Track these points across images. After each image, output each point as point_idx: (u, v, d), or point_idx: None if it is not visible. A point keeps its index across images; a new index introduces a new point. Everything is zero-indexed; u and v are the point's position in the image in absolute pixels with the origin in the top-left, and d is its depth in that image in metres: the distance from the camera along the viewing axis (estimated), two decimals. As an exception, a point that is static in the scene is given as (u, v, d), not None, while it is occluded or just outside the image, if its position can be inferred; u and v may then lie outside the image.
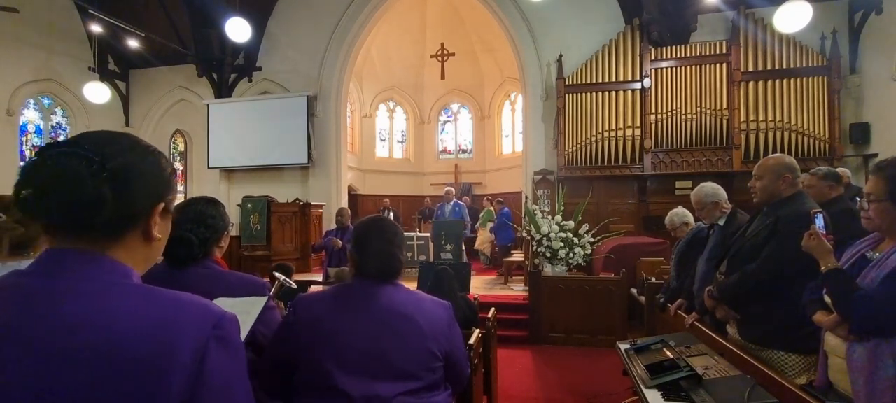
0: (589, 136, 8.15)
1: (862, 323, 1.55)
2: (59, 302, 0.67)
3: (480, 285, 7.30)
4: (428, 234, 7.90)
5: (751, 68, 7.66)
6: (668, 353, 2.29)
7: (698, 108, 7.77)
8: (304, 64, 9.89)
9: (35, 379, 0.63)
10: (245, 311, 1.37)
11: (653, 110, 7.94)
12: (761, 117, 7.55)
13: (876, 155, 7.14)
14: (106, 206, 0.70)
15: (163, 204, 0.79)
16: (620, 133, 8.04)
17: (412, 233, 8.25)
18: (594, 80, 8.21)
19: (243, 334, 1.31)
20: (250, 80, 10.21)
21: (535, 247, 6.17)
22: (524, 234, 6.67)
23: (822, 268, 1.71)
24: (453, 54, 12.00)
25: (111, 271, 0.72)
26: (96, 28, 8.87)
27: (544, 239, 6.02)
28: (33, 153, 0.73)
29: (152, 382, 0.65)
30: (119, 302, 0.69)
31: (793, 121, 7.43)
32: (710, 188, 3.11)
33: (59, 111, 10.24)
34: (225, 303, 1.42)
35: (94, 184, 0.69)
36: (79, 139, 0.73)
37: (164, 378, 0.65)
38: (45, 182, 0.68)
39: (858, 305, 1.55)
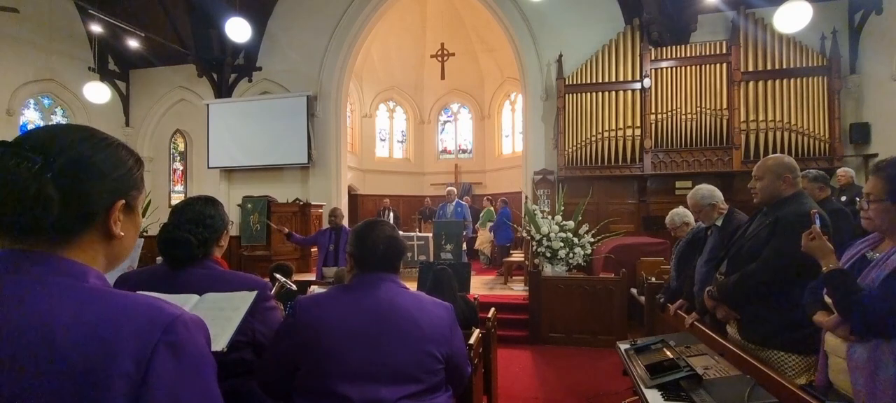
0: (589, 136, 8.15)
1: (863, 323, 1.55)
2: (4, 307, 0.63)
3: (480, 285, 7.29)
4: (428, 234, 7.90)
5: (751, 68, 7.65)
6: (668, 353, 2.29)
7: (698, 108, 7.77)
8: (304, 64, 9.89)
9: None
10: (234, 307, 1.35)
11: (653, 110, 7.94)
12: (761, 117, 7.55)
13: (876, 155, 7.13)
14: (52, 207, 0.66)
15: (124, 201, 0.74)
16: (620, 133, 8.04)
17: (412, 233, 8.25)
18: (594, 80, 8.21)
19: (230, 331, 1.29)
20: (250, 80, 10.21)
21: (535, 247, 6.17)
22: (524, 234, 6.67)
23: (824, 269, 1.70)
24: (453, 54, 11.99)
25: (61, 272, 0.68)
26: (96, 28, 8.87)
27: (544, 239, 6.02)
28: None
29: (91, 390, 0.60)
30: (63, 304, 0.64)
31: (793, 122, 7.43)
32: (706, 190, 3.12)
33: (59, 111, 10.23)
34: (213, 298, 1.39)
35: (36, 184, 0.65)
36: (23, 137, 0.69)
37: (104, 387, 0.60)
38: None
39: (860, 306, 1.55)
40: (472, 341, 2.41)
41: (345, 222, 6.33)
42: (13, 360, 0.61)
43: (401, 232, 1.76)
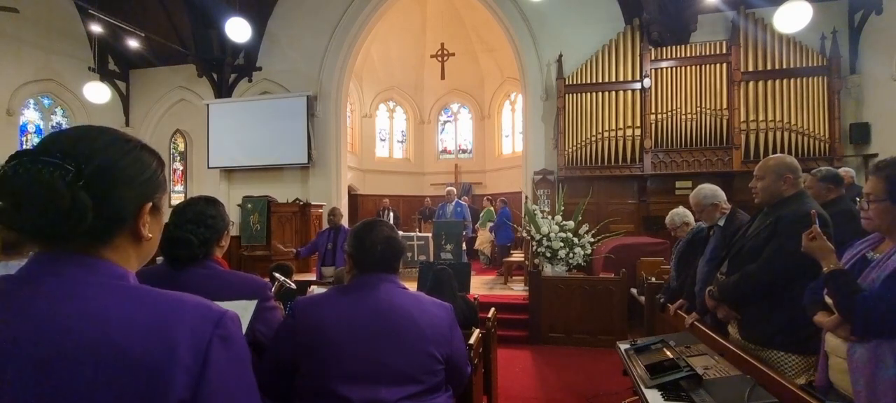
0: (589, 136, 8.15)
1: (864, 324, 1.55)
2: (51, 306, 0.65)
3: (480, 285, 7.30)
4: (428, 234, 7.90)
5: (751, 68, 7.65)
6: (668, 353, 2.29)
7: (698, 108, 7.77)
8: (304, 64, 9.89)
9: (32, 386, 0.61)
10: (239, 315, 1.36)
11: (653, 110, 7.94)
12: (761, 117, 7.55)
13: (876, 155, 7.13)
14: (87, 214, 0.67)
15: (151, 203, 0.76)
16: (620, 133, 8.04)
17: (412, 233, 8.25)
18: (594, 80, 8.21)
19: None
20: (250, 80, 10.21)
21: (535, 247, 6.17)
22: (524, 234, 6.67)
23: (825, 269, 1.70)
24: (453, 54, 11.99)
25: (104, 273, 0.70)
26: (96, 28, 8.87)
27: (544, 239, 6.02)
28: (6, 160, 0.73)
29: (151, 383, 0.64)
30: (115, 302, 0.67)
31: (793, 121, 7.43)
32: (709, 189, 3.11)
33: (59, 111, 10.24)
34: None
35: (70, 193, 0.66)
36: (50, 143, 0.70)
37: (164, 379, 0.64)
38: (20, 194, 0.65)
39: (861, 306, 1.55)
40: (472, 341, 2.41)
41: (344, 222, 6.32)
42: (72, 351, 0.63)
43: (401, 233, 1.76)
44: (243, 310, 1.39)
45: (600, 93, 8.15)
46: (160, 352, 0.65)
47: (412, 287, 2.05)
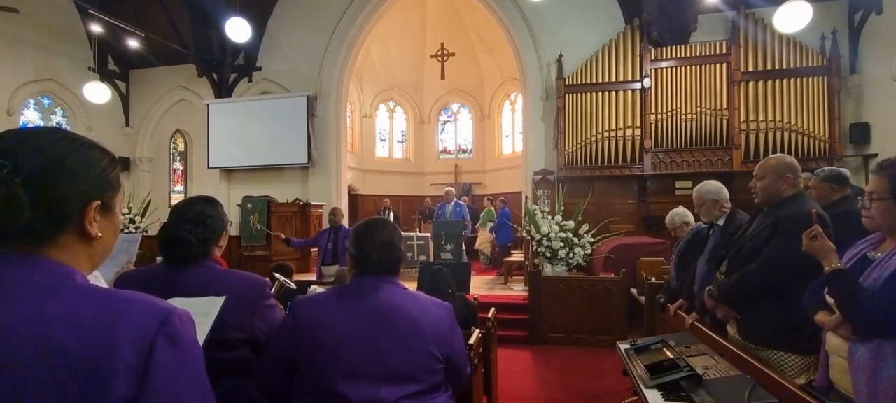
0: (589, 136, 8.15)
1: (866, 323, 1.55)
2: None
3: (480, 285, 7.29)
4: (428, 234, 7.90)
5: (751, 68, 7.65)
6: (668, 353, 2.28)
7: (698, 108, 7.77)
8: (304, 64, 9.89)
9: None
10: (203, 313, 1.35)
11: (653, 110, 7.94)
12: (761, 117, 7.55)
13: (876, 155, 7.13)
14: (23, 209, 0.66)
15: (99, 201, 0.74)
16: (620, 133, 8.04)
17: (412, 233, 8.25)
18: (594, 80, 8.21)
19: (202, 335, 1.29)
20: (250, 80, 10.21)
21: (535, 247, 6.17)
22: (524, 234, 6.67)
23: (826, 269, 1.70)
24: (453, 54, 12.00)
25: (48, 272, 0.69)
26: (96, 28, 8.87)
27: (544, 239, 6.02)
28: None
29: (93, 383, 0.62)
30: (56, 302, 0.66)
31: (793, 121, 7.43)
32: (713, 186, 3.09)
33: (59, 111, 10.23)
34: (180, 304, 1.42)
35: (4, 188, 0.65)
36: None
37: (107, 379, 0.63)
38: None
39: (862, 306, 1.55)
40: (472, 341, 2.41)
41: (344, 222, 6.32)
42: (15, 352, 0.62)
43: (401, 232, 1.75)
44: (209, 308, 1.38)
45: (600, 93, 8.15)
46: (101, 351, 0.63)
47: (412, 287, 2.05)
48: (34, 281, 0.67)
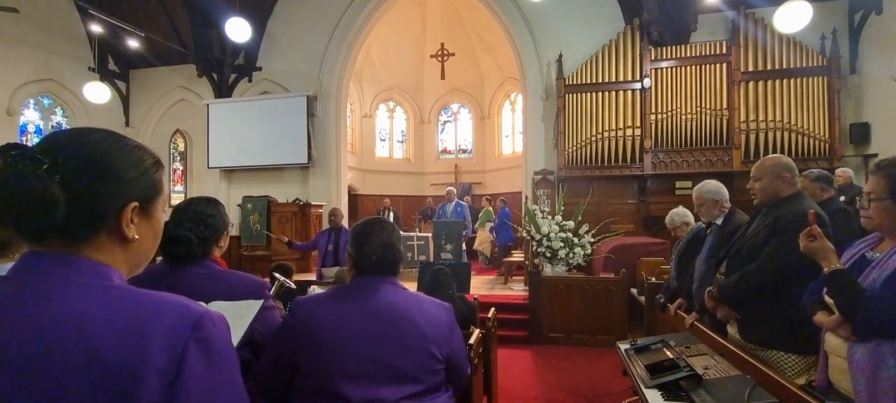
0: (589, 136, 8.15)
1: (865, 323, 1.55)
2: (30, 308, 0.64)
3: (480, 285, 7.29)
4: (428, 234, 7.90)
5: (751, 68, 7.65)
6: (668, 353, 2.28)
7: (698, 108, 7.77)
8: (304, 64, 9.89)
9: (9, 390, 0.61)
10: (239, 315, 1.35)
11: (653, 110, 7.94)
12: (761, 117, 7.55)
13: (876, 155, 7.13)
14: (57, 206, 0.66)
15: (136, 203, 0.73)
16: (620, 133, 8.03)
17: (412, 233, 8.25)
18: (594, 80, 8.21)
19: (237, 338, 1.29)
20: (250, 80, 10.21)
21: (535, 247, 6.17)
22: (524, 234, 6.67)
23: (825, 269, 1.70)
24: (453, 54, 12.00)
25: (85, 272, 0.68)
26: (96, 28, 8.87)
27: (544, 239, 6.02)
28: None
29: (125, 386, 0.62)
30: (91, 304, 0.66)
31: (793, 122, 7.43)
32: (714, 185, 3.09)
33: (59, 111, 10.23)
34: (219, 308, 1.42)
35: (41, 184, 0.65)
36: (46, 139, 0.70)
37: (137, 382, 0.62)
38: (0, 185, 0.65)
39: (862, 306, 1.55)
40: (472, 341, 2.41)
41: (344, 222, 6.33)
42: (48, 354, 0.62)
43: (401, 232, 1.75)
44: (246, 311, 1.38)
45: (600, 93, 8.15)
46: (132, 354, 0.63)
47: (412, 287, 2.05)
48: (73, 278, 0.67)
